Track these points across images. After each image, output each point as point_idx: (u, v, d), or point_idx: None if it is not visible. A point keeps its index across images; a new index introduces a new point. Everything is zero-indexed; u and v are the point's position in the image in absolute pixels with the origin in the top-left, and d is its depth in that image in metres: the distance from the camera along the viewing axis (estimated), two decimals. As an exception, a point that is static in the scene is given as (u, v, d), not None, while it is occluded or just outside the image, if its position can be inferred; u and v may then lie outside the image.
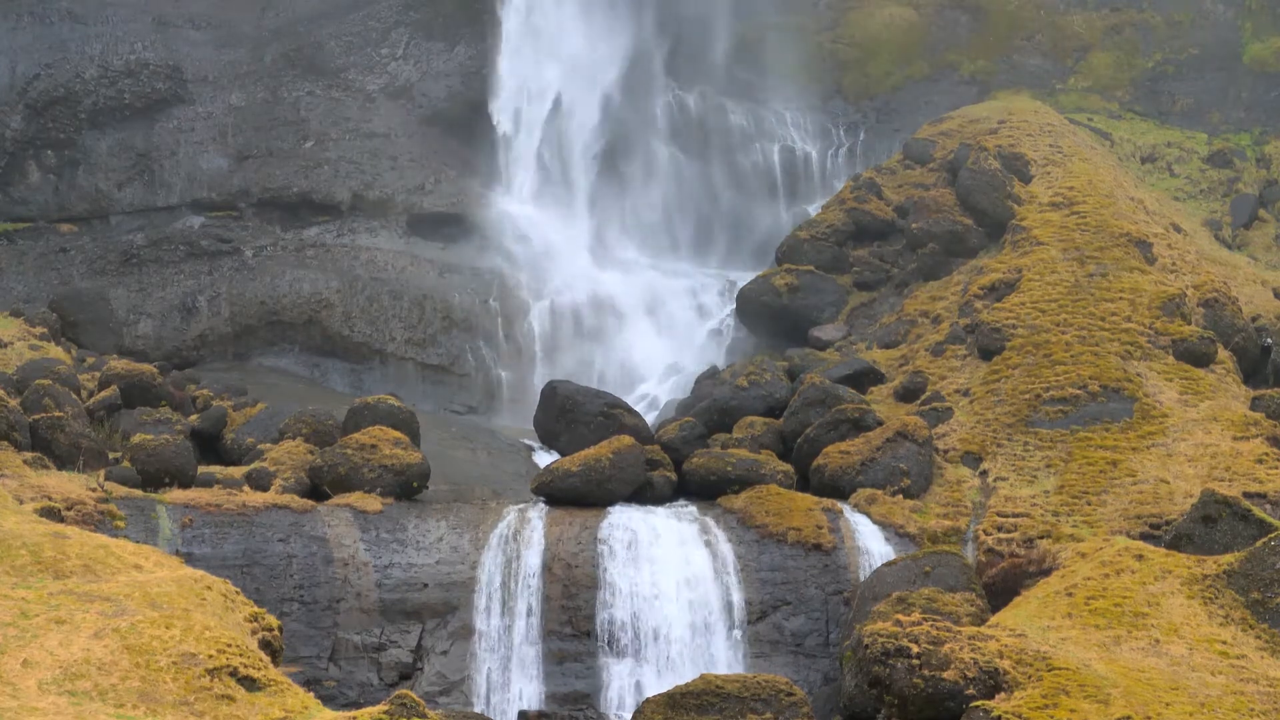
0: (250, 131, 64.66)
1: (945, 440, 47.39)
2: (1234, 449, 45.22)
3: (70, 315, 56.25)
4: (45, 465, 42.21)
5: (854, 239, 60.38)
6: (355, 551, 41.75)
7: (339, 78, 65.91)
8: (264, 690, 29.93)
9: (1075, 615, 36.97)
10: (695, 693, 35.67)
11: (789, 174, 68.74)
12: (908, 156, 63.40)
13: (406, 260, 62.84)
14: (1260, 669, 34.86)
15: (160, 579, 33.57)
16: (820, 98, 71.13)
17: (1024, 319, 50.69)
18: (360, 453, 44.38)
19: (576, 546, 42.28)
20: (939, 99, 70.02)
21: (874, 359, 52.82)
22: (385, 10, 67.10)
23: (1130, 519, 42.89)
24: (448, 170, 65.40)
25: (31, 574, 32.72)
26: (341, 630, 40.87)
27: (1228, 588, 37.21)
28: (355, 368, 61.05)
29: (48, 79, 63.26)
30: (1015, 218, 56.26)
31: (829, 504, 44.13)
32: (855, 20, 73.10)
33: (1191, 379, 48.48)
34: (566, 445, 47.89)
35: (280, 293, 61.17)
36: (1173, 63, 71.02)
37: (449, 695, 40.54)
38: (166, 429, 46.40)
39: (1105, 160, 62.68)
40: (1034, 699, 32.90)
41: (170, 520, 40.98)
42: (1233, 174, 65.55)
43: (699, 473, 45.92)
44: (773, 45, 72.14)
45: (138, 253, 61.50)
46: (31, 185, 62.73)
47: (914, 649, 34.22)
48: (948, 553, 41.48)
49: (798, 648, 41.49)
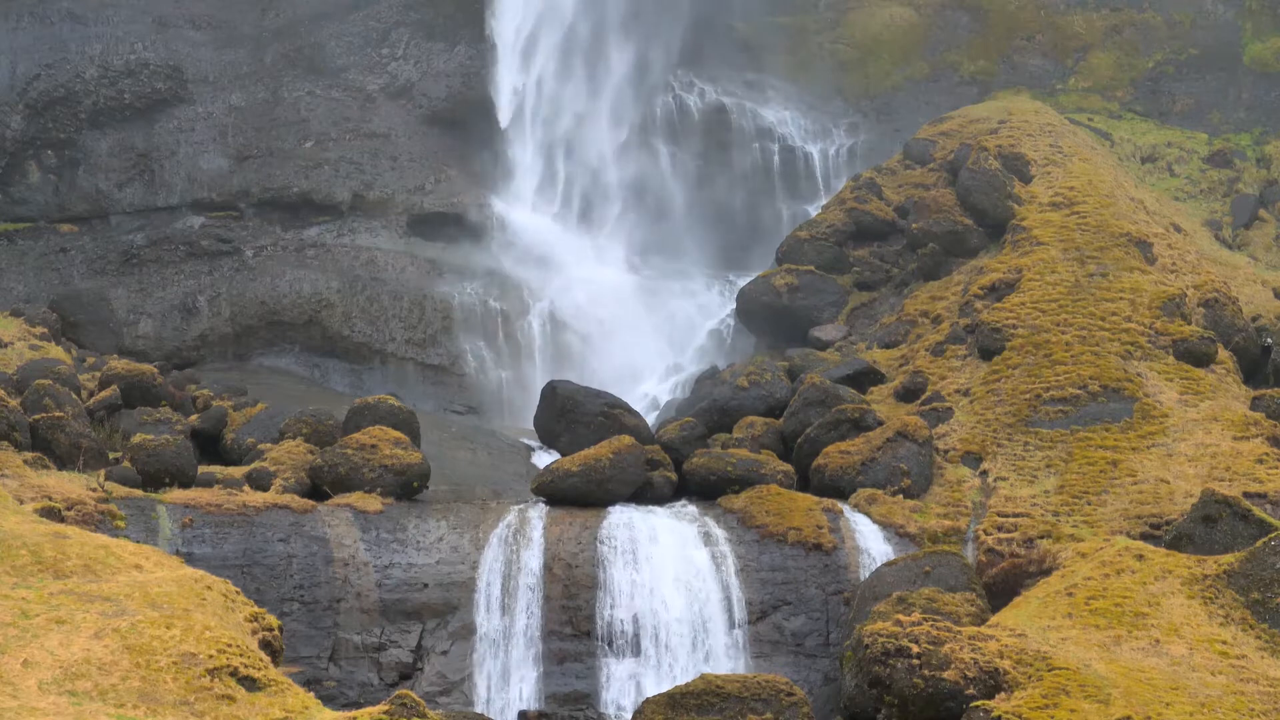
0: (250, 131, 64.63)
1: (945, 440, 47.38)
2: (1234, 449, 45.20)
3: (70, 315, 56.24)
4: (45, 465, 42.19)
5: (854, 239, 60.35)
6: (355, 551, 41.74)
7: (339, 78, 65.88)
8: (264, 690, 29.93)
9: (1075, 615, 36.97)
10: (695, 693, 35.66)
11: (789, 174, 68.70)
12: (908, 156, 63.39)
13: (406, 260, 62.83)
14: (1260, 669, 34.87)
15: (160, 579, 33.56)
16: (820, 98, 71.10)
17: (1024, 319, 50.67)
18: (360, 453, 44.36)
19: (577, 546, 42.27)
20: (939, 99, 70.00)
21: (874, 359, 52.80)
22: (385, 10, 67.06)
23: (1130, 519, 42.89)
24: (448, 170, 65.37)
25: (32, 574, 32.71)
26: (342, 630, 40.86)
27: (1228, 588, 37.21)
28: (355, 368, 61.04)
29: (48, 79, 63.23)
30: (1015, 218, 56.22)
31: (829, 504, 44.11)
32: (855, 20, 73.10)
33: (1191, 379, 48.46)
34: (566, 445, 47.86)
35: (280, 293, 61.17)
36: (1173, 63, 71.00)
37: (449, 695, 40.54)
38: (166, 429, 46.38)
39: (1105, 160, 62.65)
40: (1034, 699, 32.91)
41: (170, 520, 40.96)
42: (1233, 174, 65.51)
43: (699, 473, 45.90)
44: (773, 45, 72.15)
45: (138, 253, 61.49)
46: (31, 185, 62.70)
47: (914, 649, 34.24)
48: (948, 553, 41.48)
49: (798, 648, 41.48)
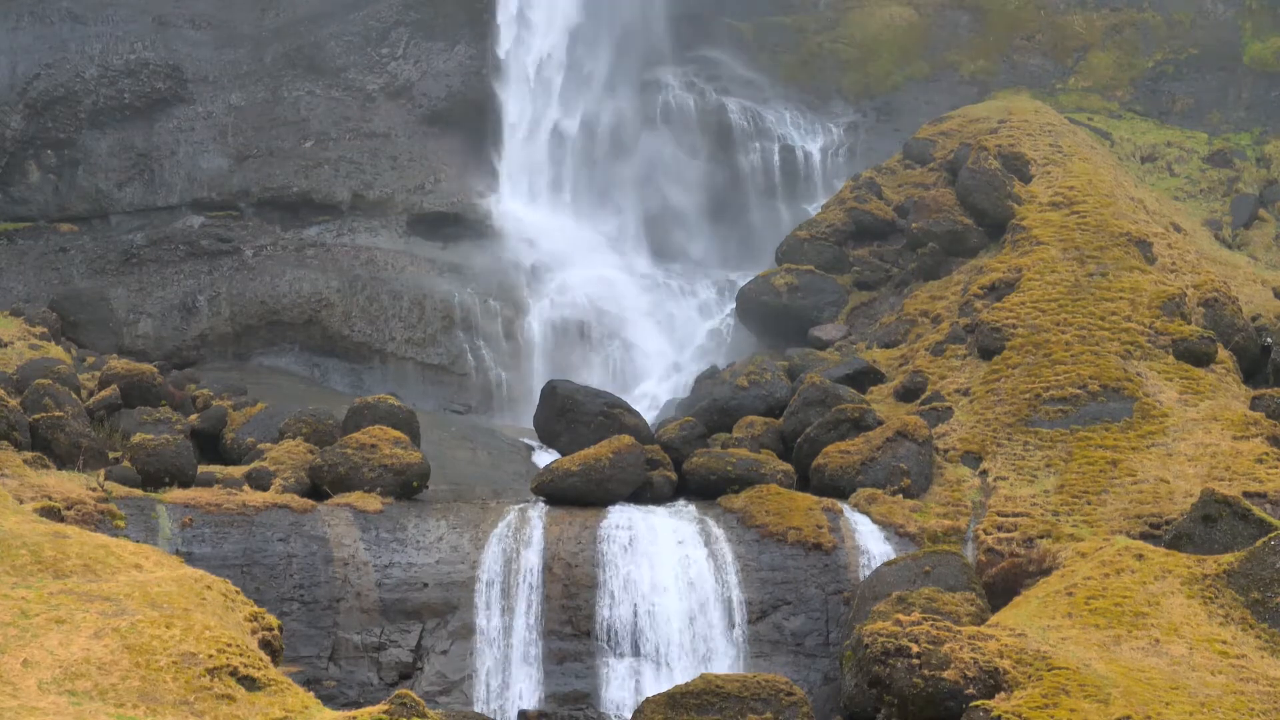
0: (250, 131, 64.62)
1: (945, 440, 47.38)
2: (1234, 449, 45.20)
3: (70, 315, 56.25)
4: (45, 465, 42.19)
5: (854, 239, 60.36)
6: (355, 551, 41.74)
7: (339, 77, 65.88)
8: (264, 690, 29.93)
9: (1075, 615, 36.97)
10: (695, 692, 35.66)
11: (789, 174, 68.68)
12: (908, 156, 63.38)
13: (406, 260, 62.82)
14: (1260, 669, 34.86)
15: (160, 579, 33.56)
16: (820, 98, 71.11)
17: (1024, 319, 50.66)
18: (360, 452, 44.36)
19: (576, 546, 42.27)
20: (939, 99, 70.01)
21: (874, 359, 52.80)
22: (385, 10, 67.04)
23: (1130, 519, 42.88)
24: (448, 170, 65.37)
25: (31, 574, 32.71)
26: (341, 630, 40.86)
27: (1228, 587, 37.21)
28: (355, 367, 61.02)
29: (48, 79, 63.23)
30: (1015, 217, 56.20)
31: (829, 504, 44.11)
32: (855, 20, 73.11)
33: (1191, 379, 48.45)
34: (566, 445, 47.86)
35: (280, 292, 61.15)
36: (1173, 63, 71.01)
37: (449, 695, 40.53)
38: (166, 429, 46.39)
39: (1105, 160, 62.64)
40: (1034, 699, 32.90)
41: (170, 520, 40.96)
42: (1233, 174, 65.52)
43: (699, 472, 45.90)
44: (773, 45, 72.13)
45: (138, 252, 61.48)
46: (31, 185, 62.70)
47: (914, 649, 34.24)
48: (948, 552, 41.47)
49: (798, 647, 41.47)
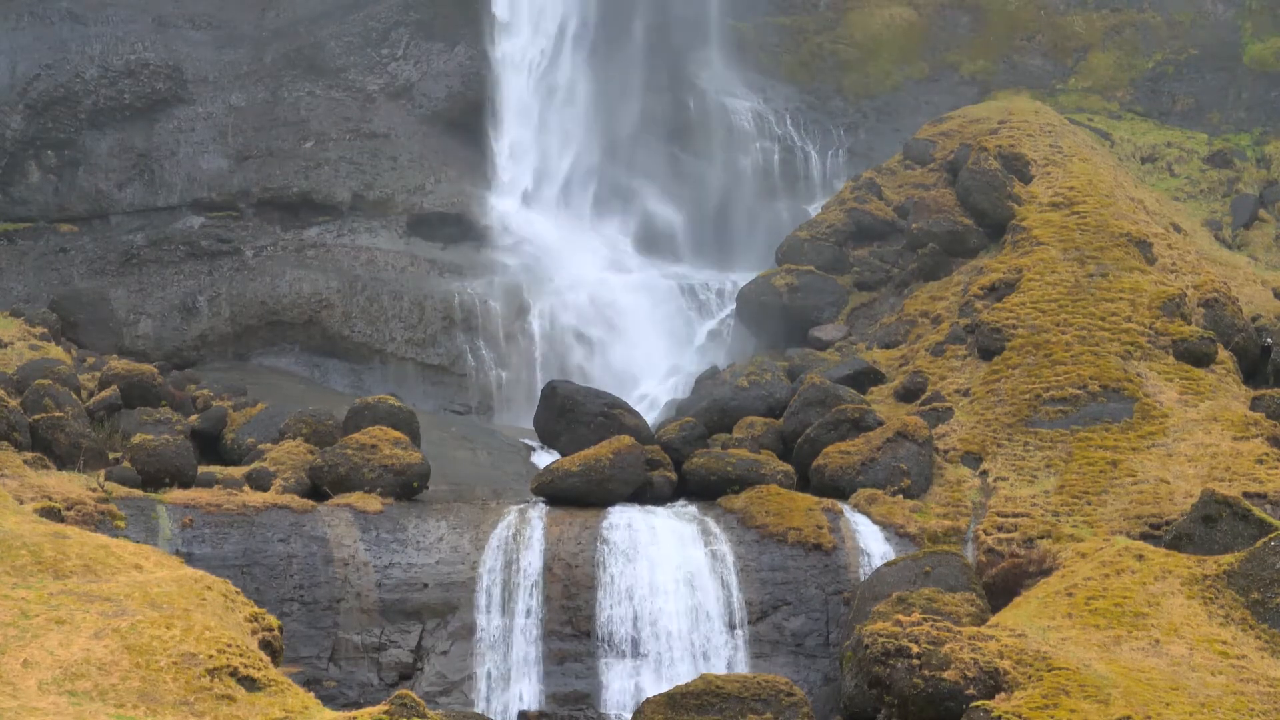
0: (250, 131, 64.60)
1: (945, 440, 47.37)
2: (1234, 449, 45.20)
3: (70, 315, 56.22)
4: (45, 465, 42.19)
5: (854, 239, 60.37)
6: (355, 551, 41.74)
7: (339, 78, 65.87)
8: (264, 690, 29.93)
9: (1075, 615, 36.97)
10: (695, 693, 35.67)
11: (789, 174, 68.71)
12: (908, 156, 63.38)
13: (406, 260, 62.82)
14: (1260, 669, 34.86)
15: (160, 579, 33.56)
16: (820, 98, 71.11)
17: (1024, 319, 50.66)
18: (360, 453, 44.35)
19: (577, 546, 42.27)
20: (939, 99, 70.03)
21: (874, 359, 52.80)
22: (385, 10, 67.04)
23: (1130, 519, 42.88)
24: (448, 170, 65.37)
25: (31, 574, 32.71)
26: (341, 630, 40.86)
27: (1228, 588, 37.21)
28: (355, 368, 61.02)
29: (48, 79, 63.22)
30: (1015, 218, 56.20)
31: (829, 504, 44.10)
32: (855, 20, 73.10)
33: (1191, 379, 48.44)
34: (566, 445, 47.85)
35: (280, 293, 61.15)
36: (1173, 63, 71.02)
37: (449, 695, 40.53)
38: (166, 429, 46.38)
39: (1105, 160, 62.65)
40: (1034, 699, 32.90)
41: (170, 520, 40.96)
42: (1233, 174, 65.53)
43: (699, 473, 45.88)
44: (773, 45, 72.12)
45: (138, 253, 61.48)
46: (31, 185, 62.69)
47: (914, 649, 34.23)
48: (948, 553, 41.46)
49: (798, 648, 41.47)
